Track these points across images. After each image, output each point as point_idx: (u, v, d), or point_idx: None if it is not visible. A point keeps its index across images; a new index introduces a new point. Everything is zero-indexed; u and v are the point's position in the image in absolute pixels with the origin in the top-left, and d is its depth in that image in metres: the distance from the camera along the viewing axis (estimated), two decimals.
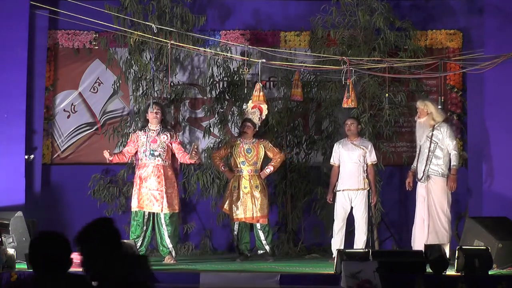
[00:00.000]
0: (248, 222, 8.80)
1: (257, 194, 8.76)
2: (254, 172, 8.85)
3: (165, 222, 8.38)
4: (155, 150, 8.42)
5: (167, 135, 8.52)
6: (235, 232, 8.83)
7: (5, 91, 9.13)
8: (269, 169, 8.93)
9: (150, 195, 8.35)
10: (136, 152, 8.59)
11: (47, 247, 3.60)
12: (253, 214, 8.73)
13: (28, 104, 9.39)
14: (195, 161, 8.63)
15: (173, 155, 8.60)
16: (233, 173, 8.91)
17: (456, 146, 8.39)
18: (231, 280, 6.93)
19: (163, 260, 8.38)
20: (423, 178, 8.34)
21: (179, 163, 8.72)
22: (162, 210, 8.34)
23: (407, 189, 8.62)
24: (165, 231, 8.37)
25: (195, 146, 8.48)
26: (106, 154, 8.41)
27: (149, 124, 8.57)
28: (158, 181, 8.37)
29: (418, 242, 8.17)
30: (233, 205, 8.76)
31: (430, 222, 8.27)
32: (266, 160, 9.04)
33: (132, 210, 8.45)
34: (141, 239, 8.36)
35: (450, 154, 8.34)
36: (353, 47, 9.55)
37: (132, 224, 8.44)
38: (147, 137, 8.46)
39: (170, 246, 8.41)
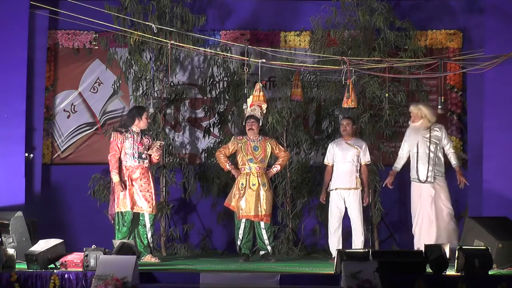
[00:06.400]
0: (253, 219, 8.78)
1: (264, 192, 8.76)
2: (262, 169, 8.85)
3: (150, 222, 8.54)
4: (142, 153, 8.53)
5: (148, 139, 8.66)
6: (241, 231, 8.80)
7: (5, 91, 9.13)
8: (276, 168, 8.93)
9: (141, 196, 8.45)
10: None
11: None
12: (259, 212, 8.71)
13: (28, 104, 9.40)
14: (157, 159, 8.69)
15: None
16: (239, 171, 8.90)
17: (452, 145, 8.57)
18: (231, 280, 6.92)
19: (142, 259, 8.36)
20: (428, 180, 8.37)
21: None
22: (152, 211, 8.49)
23: (389, 187, 8.67)
24: (149, 231, 8.53)
25: (158, 144, 8.57)
26: (120, 188, 8.39)
27: (133, 127, 8.55)
28: (148, 182, 8.50)
29: (428, 242, 8.11)
30: (240, 203, 8.75)
31: (440, 222, 8.32)
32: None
33: (120, 211, 8.40)
34: (127, 239, 8.37)
35: (448, 153, 8.49)
36: (353, 47, 9.56)
37: (119, 225, 8.43)
38: (133, 140, 8.50)
39: (151, 245, 8.58)
